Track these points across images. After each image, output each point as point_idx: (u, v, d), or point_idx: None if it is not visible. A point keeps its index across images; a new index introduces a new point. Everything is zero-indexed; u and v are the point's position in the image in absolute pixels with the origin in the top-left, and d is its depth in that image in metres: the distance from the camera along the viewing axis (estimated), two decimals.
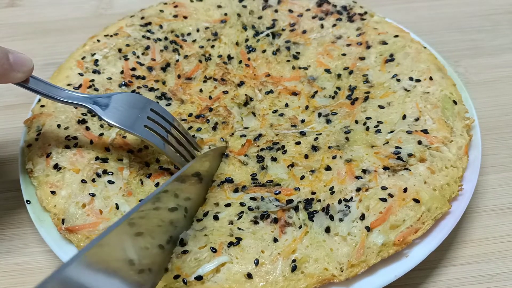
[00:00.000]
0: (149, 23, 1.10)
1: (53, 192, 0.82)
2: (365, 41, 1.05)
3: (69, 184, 0.83)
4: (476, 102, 1.02)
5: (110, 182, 0.83)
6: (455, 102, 0.93)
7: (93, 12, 1.37)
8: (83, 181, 0.83)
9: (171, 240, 0.74)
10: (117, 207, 0.80)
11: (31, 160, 0.87)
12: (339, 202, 0.79)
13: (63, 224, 0.79)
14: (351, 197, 0.80)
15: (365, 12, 1.11)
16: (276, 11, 1.12)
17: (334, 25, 1.09)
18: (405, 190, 0.79)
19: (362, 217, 0.77)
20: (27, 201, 0.85)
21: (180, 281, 0.72)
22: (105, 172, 0.85)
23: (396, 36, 1.05)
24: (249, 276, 0.72)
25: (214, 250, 0.74)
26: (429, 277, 0.85)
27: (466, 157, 0.86)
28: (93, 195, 0.81)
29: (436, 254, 0.85)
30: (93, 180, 0.83)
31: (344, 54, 1.04)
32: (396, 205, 0.78)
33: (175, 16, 1.12)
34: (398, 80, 0.97)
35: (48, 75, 1.10)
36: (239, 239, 0.76)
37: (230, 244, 0.75)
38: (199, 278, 0.72)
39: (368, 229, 0.76)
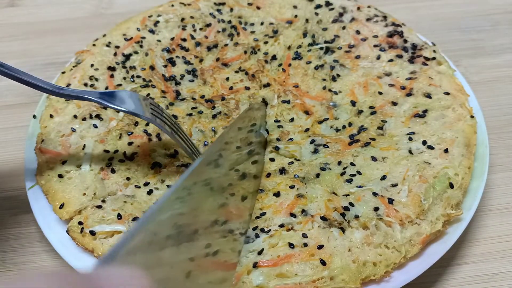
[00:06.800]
0: (223, 4, 1.14)
1: (51, 116, 0.94)
2: (409, 87, 0.94)
3: (66, 114, 0.94)
4: None
5: (95, 126, 0.92)
6: (451, 186, 0.79)
7: (93, 12, 1.36)
8: (75, 116, 0.93)
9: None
10: (83, 147, 0.89)
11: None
12: (254, 229, 0.76)
13: (42, 143, 0.90)
14: (269, 230, 0.76)
15: (434, 58, 0.99)
16: (343, 28, 1.06)
17: (390, 60, 0.99)
18: (320, 247, 0.72)
19: (261, 252, 0.73)
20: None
21: (80, 228, 0.78)
22: (97, 116, 0.93)
23: (447, 93, 0.92)
24: None
25: (119, 217, 0.78)
26: (429, 276, 0.82)
27: (420, 246, 0.74)
28: (73, 130, 0.91)
29: None
30: (84, 119, 0.93)
31: (380, 93, 0.95)
32: (300, 256, 0.71)
33: (250, 4, 1.14)
34: (410, 139, 0.86)
35: (49, 75, 1.12)
36: None
37: (136, 219, 0.78)
38: (93, 233, 0.77)
39: (255, 265, 0.71)
